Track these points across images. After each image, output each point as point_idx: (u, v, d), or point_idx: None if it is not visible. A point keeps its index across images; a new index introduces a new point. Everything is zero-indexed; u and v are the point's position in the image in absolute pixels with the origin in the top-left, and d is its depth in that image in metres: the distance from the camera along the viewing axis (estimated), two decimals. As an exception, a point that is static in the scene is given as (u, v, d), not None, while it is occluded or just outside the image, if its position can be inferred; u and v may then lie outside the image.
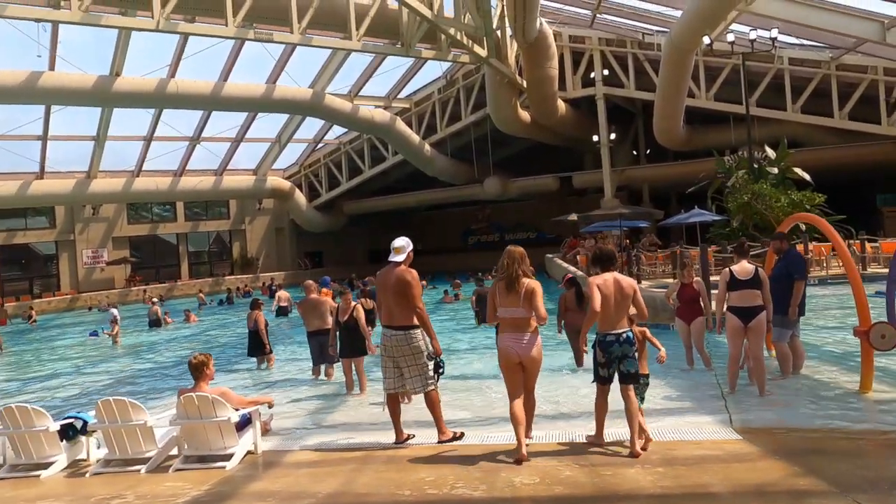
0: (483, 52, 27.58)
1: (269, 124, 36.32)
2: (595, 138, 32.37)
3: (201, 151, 35.37)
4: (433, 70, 35.37)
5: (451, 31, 25.59)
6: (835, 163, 27.59)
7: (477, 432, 5.73)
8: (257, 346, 10.49)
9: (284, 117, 35.07)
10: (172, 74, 27.01)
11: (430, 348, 5.46)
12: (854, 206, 24.29)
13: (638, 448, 4.70)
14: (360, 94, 33.89)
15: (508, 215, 44.84)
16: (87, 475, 5.35)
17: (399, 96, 36.10)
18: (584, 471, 4.44)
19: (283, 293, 21.52)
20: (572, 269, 20.14)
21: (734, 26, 25.05)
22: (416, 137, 34.48)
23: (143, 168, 34.15)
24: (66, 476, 5.50)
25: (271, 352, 10.76)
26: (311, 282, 9.74)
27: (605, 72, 31.53)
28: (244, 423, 5.47)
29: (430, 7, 24.28)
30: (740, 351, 6.68)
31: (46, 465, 5.53)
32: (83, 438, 5.78)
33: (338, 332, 8.20)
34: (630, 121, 36.11)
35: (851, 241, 19.60)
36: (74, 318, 27.47)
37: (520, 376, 5.03)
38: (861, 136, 27.92)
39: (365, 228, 44.26)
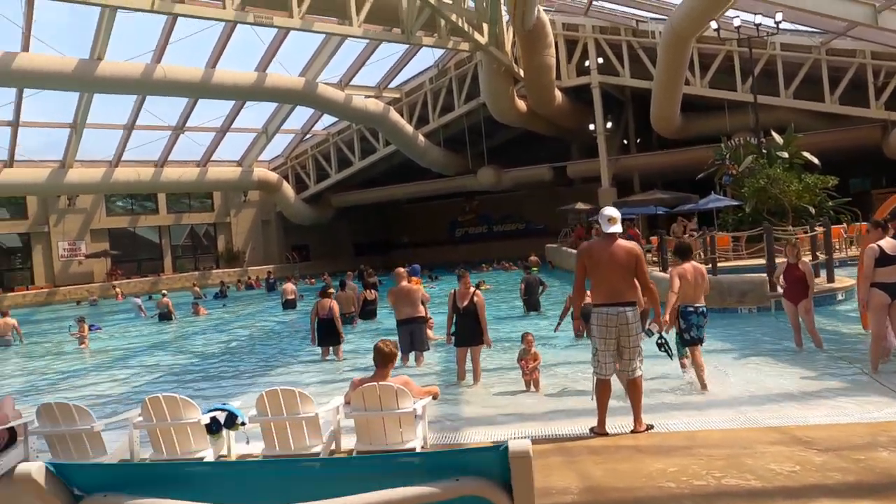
0: (483, 40, 27.22)
1: (254, 114, 35.24)
2: (591, 127, 32.39)
3: (183, 141, 34.01)
4: (424, 59, 34.88)
5: (453, 17, 25.17)
6: (825, 147, 28.02)
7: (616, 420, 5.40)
8: (330, 335, 9.97)
9: (270, 107, 34.00)
10: (157, 60, 25.80)
11: (646, 326, 5.38)
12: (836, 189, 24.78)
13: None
14: (351, 83, 33.14)
15: (496, 207, 44.64)
16: None
17: (389, 86, 35.42)
18: (833, 456, 4.18)
19: (289, 286, 20.90)
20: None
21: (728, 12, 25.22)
22: (409, 128, 33.90)
23: (123, 158, 32.70)
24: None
25: (342, 341, 10.25)
26: (401, 269, 9.59)
27: (600, 60, 31.52)
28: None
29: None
30: (885, 328, 6.53)
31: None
32: (225, 432, 5.27)
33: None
34: (620, 109, 36.22)
35: (858, 224, 19.99)
36: (68, 310, 26.04)
37: None
38: (848, 120, 28.58)
39: (349, 221, 43.46)
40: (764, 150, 21.58)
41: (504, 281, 24.58)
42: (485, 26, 27.27)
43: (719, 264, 15.67)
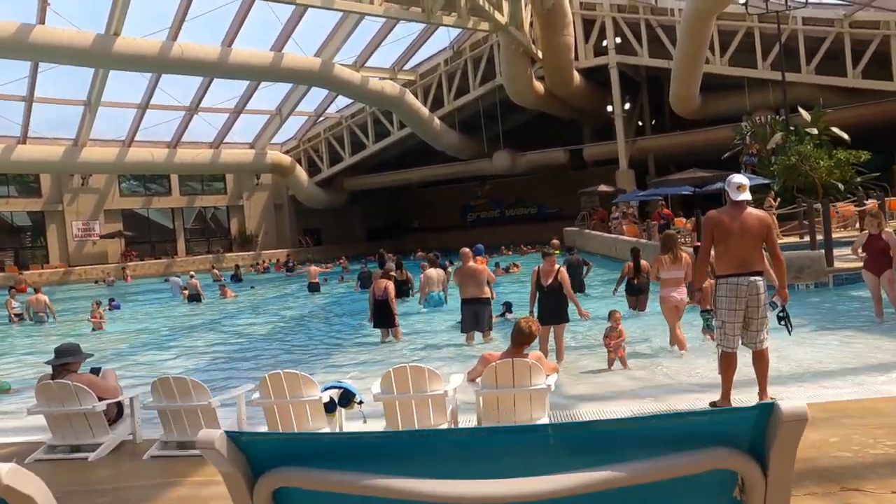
0: (503, 20, 26.87)
1: (268, 96, 34.85)
2: (609, 108, 32.11)
3: (196, 122, 33.64)
4: (439, 41, 34.44)
5: (475, -5, 24.81)
6: (848, 122, 27.43)
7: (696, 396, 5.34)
8: (387, 317, 9.85)
9: (283, 89, 33.62)
10: (173, 38, 25.37)
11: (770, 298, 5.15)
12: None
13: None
14: (366, 65, 32.76)
15: (508, 191, 44.37)
16: None
17: (404, 68, 35.03)
18: None
19: (313, 268, 20.68)
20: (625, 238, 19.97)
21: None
22: (425, 111, 33.55)
23: (136, 138, 32.37)
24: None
25: (397, 324, 10.10)
26: (466, 249, 9.58)
27: (618, 40, 31.16)
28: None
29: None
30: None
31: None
32: (339, 410, 5.13)
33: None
34: (636, 90, 35.88)
35: (888, 199, 19.77)
36: (87, 290, 25.87)
37: (676, 315, 7.63)
38: (868, 94, 28.04)
39: (361, 205, 43.21)
40: (791, 128, 21.42)
41: (529, 264, 24.39)
42: (504, 6, 26.91)
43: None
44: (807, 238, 15.67)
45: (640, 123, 37.25)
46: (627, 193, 27.94)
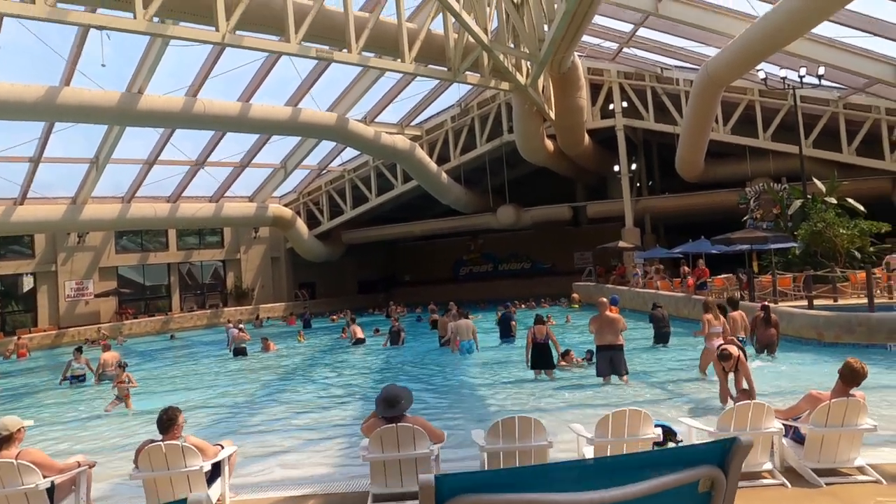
0: (523, 80, 27.76)
1: (272, 150, 34.75)
2: (616, 168, 33.18)
3: (199, 177, 33.21)
4: (446, 99, 35.30)
5: (501, 57, 25.67)
6: (850, 194, 29.08)
7: None
8: (545, 359, 10.05)
9: (289, 143, 33.67)
10: (194, 94, 25.35)
11: None
12: None
13: None
14: (375, 120, 33.24)
15: (501, 246, 44.76)
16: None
17: (411, 124, 35.65)
18: None
19: (357, 327, 20.27)
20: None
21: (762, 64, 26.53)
22: (434, 165, 33.91)
23: (136, 194, 31.61)
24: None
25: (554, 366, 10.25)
26: (604, 299, 9.95)
27: (624, 104, 32.56)
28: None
29: (486, 32, 24.38)
30: None
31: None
32: None
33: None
34: (634, 153, 37.22)
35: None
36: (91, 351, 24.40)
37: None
38: (864, 170, 29.95)
39: (353, 259, 42.83)
40: (808, 196, 22.57)
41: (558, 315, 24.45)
42: (524, 67, 27.88)
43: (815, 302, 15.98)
44: (840, 301, 16.48)
45: (637, 184, 38.50)
46: (648, 251, 28.58)
